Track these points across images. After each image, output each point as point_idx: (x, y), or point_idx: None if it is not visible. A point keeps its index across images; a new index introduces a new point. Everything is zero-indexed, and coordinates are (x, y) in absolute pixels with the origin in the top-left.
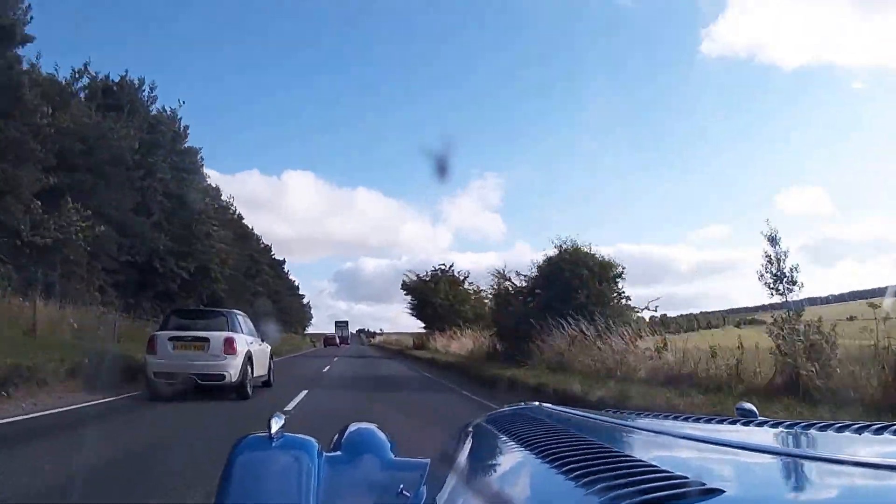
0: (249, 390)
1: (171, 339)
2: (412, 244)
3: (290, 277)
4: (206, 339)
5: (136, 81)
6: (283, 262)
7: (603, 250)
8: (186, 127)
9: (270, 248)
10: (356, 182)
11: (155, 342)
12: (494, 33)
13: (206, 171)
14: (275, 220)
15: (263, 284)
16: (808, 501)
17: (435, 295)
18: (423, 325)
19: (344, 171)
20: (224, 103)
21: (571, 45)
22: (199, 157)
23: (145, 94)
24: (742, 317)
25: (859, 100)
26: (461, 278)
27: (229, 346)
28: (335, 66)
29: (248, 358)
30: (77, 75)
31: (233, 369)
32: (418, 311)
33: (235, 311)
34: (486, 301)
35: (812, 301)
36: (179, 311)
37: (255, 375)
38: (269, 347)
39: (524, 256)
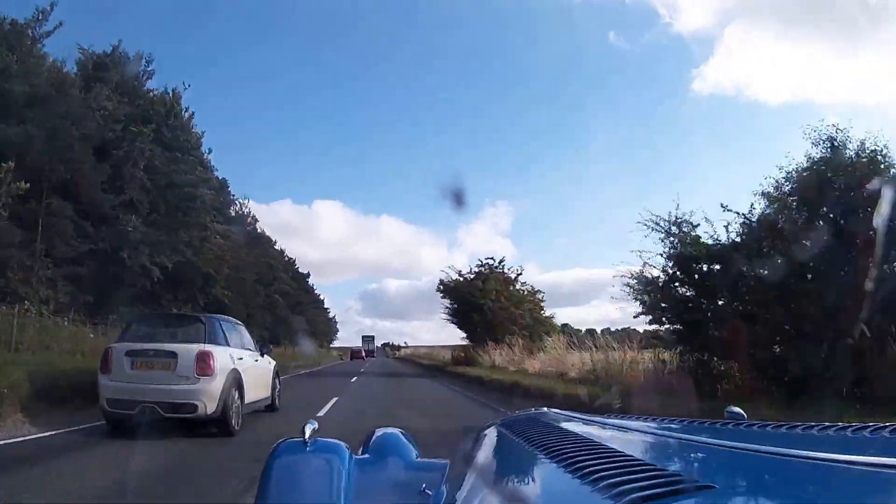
0: (235, 423)
1: (130, 353)
2: (431, 267)
3: (316, 291)
4: (173, 355)
5: (130, 55)
6: (308, 275)
7: (605, 272)
8: (191, 113)
9: (294, 261)
10: (380, 210)
11: (109, 357)
12: (506, 76)
13: (240, 200)
14: (307, 246)
15: (283, 294)
16: (792, 497)
17: (483, 297)
18: (465, 334)
19: (368, 199)
20: (259, 137)
21: (574, 86)
22: (200, 140)
23: (141, 69)
24: None
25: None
26: (514, 275)
27: (204, 363)
28: (360, 104)
29: (235, 380)
30: (40, 16)
31: (207, 396)
32: (460, 317)
33: (220, 316)
34: (543, 303)
35: None
36: (146, 315)
37: (250, 401)
38: (274, 363)
39: (531, 277)
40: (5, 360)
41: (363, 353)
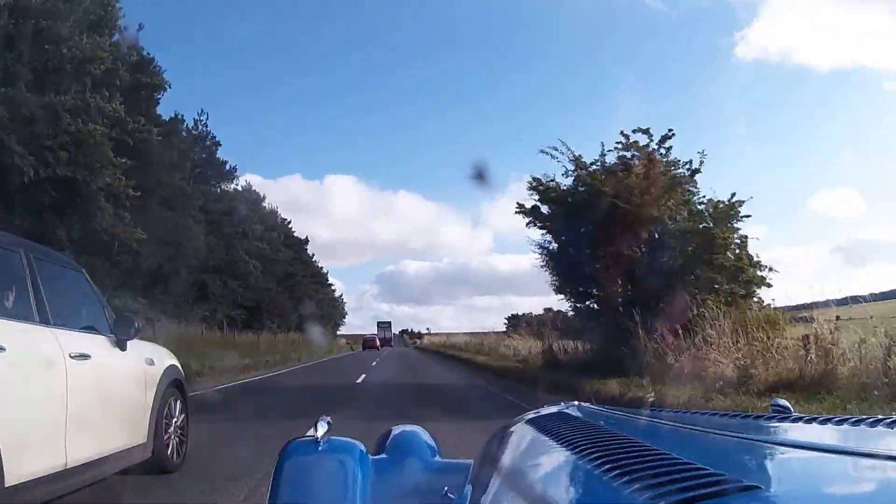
0: None
1: None
2: (453, 246)
3: (317, 264)
4: None
5: None
6: (306, 241)
7: None
8: None
9: (289, 221)
10: (397, 185)
11: None
12: (532, 42)
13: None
14: (319, 224)
15: (260, 258)
16: (845, 496)
17: (648, 206)
18: (580, 300)
19: (384, 174)
20: (267, 109)
21: (605, 53)
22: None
23: None
24: (793, 314)
25: (891, 100)
26: (686, 172)
27: None
28: (376, 75)
29: None
30: None
31: None
32: (584, 253)
33: None
34: (741, 220)
35: (854, 300)
36: None
37: (49, 469)
38: (164, 366)
39: None
40: None
41: (377, 343)
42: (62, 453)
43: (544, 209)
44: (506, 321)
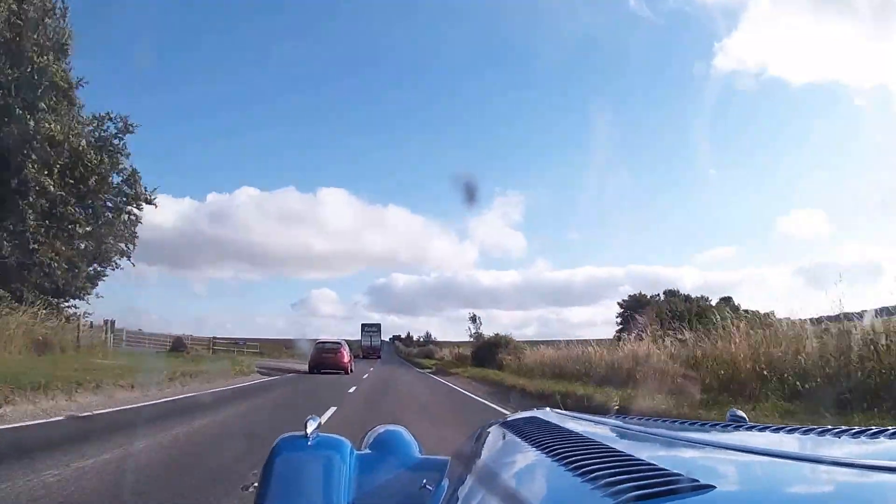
0: None
1: None
2: (440, 260)
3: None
4: None
5: None
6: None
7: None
8: None
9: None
10: (386, 199)
11: None
12: (517, 54)
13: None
14: (314, 236)
15: None
16: (791, 497)
17: None
18: None
19: (374, 188)
20: (263, 124)
21: (589, 67)
22: None
23: None
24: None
25: (861, 117)
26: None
27: None
28: (367, 91)
29: None
30: None
31: None
32: None
33: None
34: None
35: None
36: None
37: None
38: None
39: (543, 273)
40: None
41: (343, 357)
42: None
43: None
44: (621, 306)
